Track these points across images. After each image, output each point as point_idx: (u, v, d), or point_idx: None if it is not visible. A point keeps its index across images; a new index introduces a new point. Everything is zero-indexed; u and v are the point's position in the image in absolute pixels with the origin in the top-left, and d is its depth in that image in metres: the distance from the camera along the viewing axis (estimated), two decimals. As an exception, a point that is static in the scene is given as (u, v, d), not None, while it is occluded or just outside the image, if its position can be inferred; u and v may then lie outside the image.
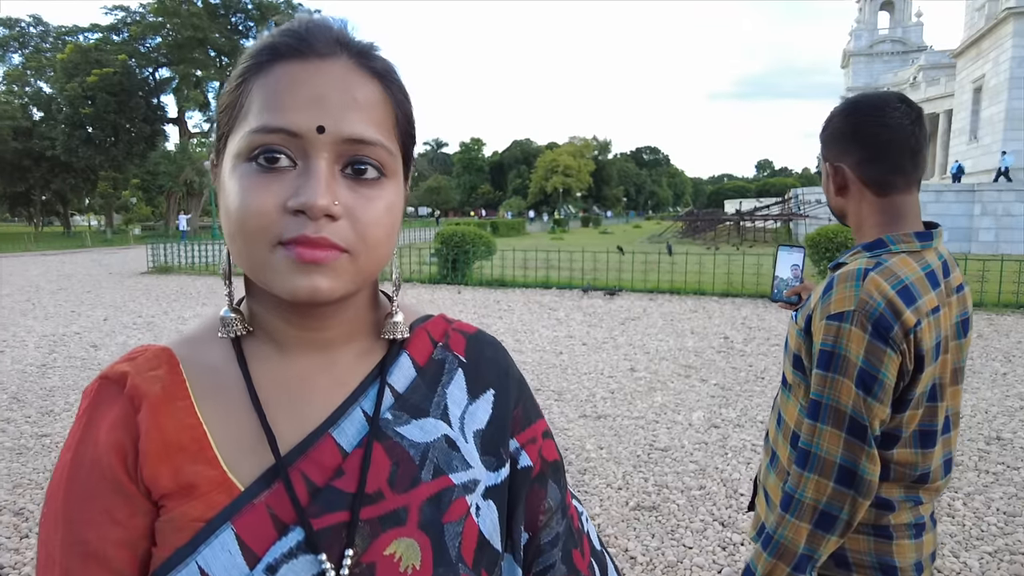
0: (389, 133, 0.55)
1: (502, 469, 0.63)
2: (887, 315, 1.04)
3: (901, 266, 1.11)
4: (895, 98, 1.17)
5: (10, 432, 4.44)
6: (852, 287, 1.08)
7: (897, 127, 1.14)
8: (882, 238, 1.17)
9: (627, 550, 2.93)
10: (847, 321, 1.06)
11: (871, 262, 1.12)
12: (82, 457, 0.54)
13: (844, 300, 1.08)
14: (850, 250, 1.22)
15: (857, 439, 1.05)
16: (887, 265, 1.10)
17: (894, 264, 1.11)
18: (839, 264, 1.21)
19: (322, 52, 0.52)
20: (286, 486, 0.53)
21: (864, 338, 1.04)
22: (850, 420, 1.05)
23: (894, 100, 1.17)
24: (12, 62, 42.77)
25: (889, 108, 1.15)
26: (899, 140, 1.15)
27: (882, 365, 1.04)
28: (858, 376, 1.05)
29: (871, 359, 1.04)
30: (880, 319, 1.04)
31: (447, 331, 0.68)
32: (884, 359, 1.04)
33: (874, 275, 1.08)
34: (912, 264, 1.12)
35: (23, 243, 26.86)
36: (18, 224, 62.99)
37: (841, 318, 1.07)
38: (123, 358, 0.59)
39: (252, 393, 0.57)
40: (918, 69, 44.14)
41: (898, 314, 1.05)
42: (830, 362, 1.07)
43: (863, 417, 1.05)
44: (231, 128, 0.54)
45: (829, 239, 10.06)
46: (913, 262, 1.12)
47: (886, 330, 1.04)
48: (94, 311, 9.70)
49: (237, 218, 0.51)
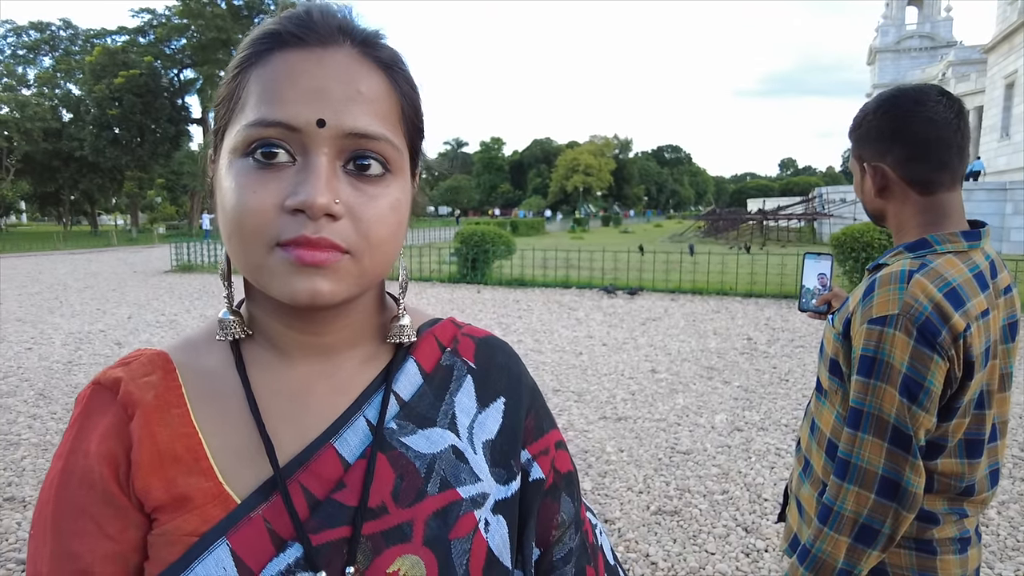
0: (395, 127, 0.52)
1: (513, 482, 0.59)
2: (934, 319, 1.00)
3: (948, 267, 1.05)
4: (935, 91, 1.11)
5: (36, 428, 4.51)
6: (896, 290, 1.03)
7: (942, 122, 1.08)
8: (926, 238, 1.11)
9: (648, 555, 2.87)
10: (890, 325, 1.01)
11: (915, 263, 1.06)
12: (72, 467, 0.51)
13: (887, 303, 1.03)
14: (890, 251, 1.17)
15: (901, 449, 1.01)
16: (933, 266, 1.05)
17: (940, 265, 1.05)
18: (879, 265, 1.16)
19: (324, 40, 0.49)
20: (284, 499, 0.50)
21: (909, 343, 0.99)
22: (893, 429, 1.01)
23: (934, 93, 1.10)
24: (43, 64, 43.77)
25: (931, 102, 1.09)
26: (945, 136, 1.09)
27: (928, 372, 0.99)
28: (902, 383, 1.00)
29: (916, 365, 0.99)
30: (926, 323, 0.99)
31: (456, 336, 0.65)
32: (930, 366, 0.99)
33: (919, 277, 1.03)
34: (959, 265, 1.06)
35: (52, 242, 27.44)
36: (47, 223, 64.42)
37: (884, 322, 1.02)
38: (118, 363, 0.57)
39: (251, 400, 0.54)
40: (947, 65, 43.27)
41: (946, 318, 1.00)
42: (872, 368, 1.02)
43: (907, 426, 1.00)
44: (228, 121, 0.51)
45: (855, 239, 9.86)
46: (960, 263, 1.07)
47: (933, 335, 0.99)
48: (119, 309, 9.85)
49: (233, 217, 0.48)
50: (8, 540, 2.99)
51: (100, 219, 53.03)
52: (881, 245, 9.55)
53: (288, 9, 0.52)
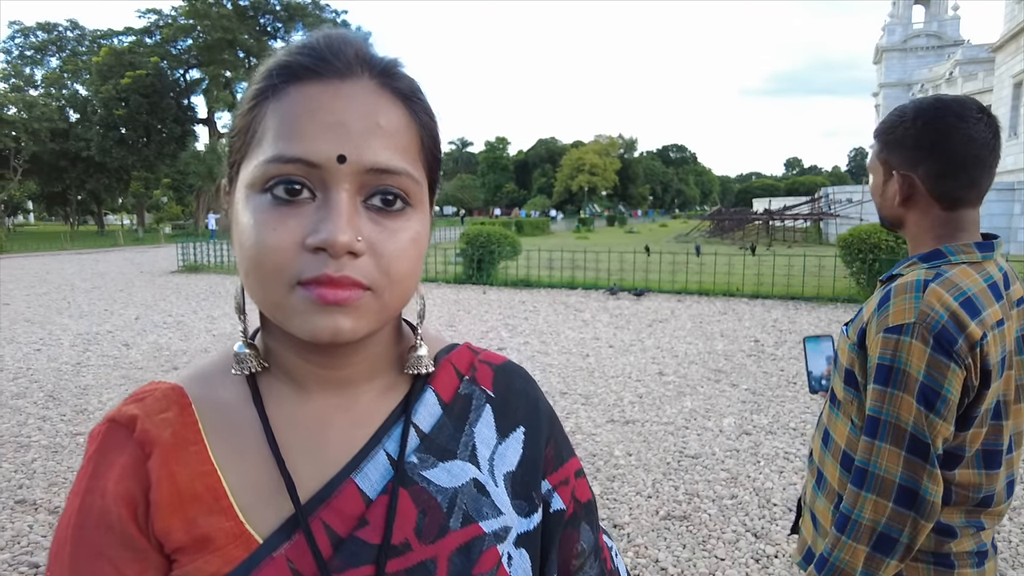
0: (414, 160, 0.51)
1: (534, 514, 0.59)
2: (950, 328, 1.00)
3: (962, 277, 1.07)
4: (976, 107, 1.10)
5: (46, 430, 4.53)
6: (912, 298, 1.04)
7: (981, 141, 1.08)
8: (940, 249, 1.12)
9: (657, 561, 2.87)
10: (907, 334, 1.02)
11: (930, 273, 1.07)
12: (90, 507, 0.50)
13: (903, 312, 1.03)
14: (903, 261, 1.18)
15: (918, 458, 1.01)
16: (948, 276, 1.06)
17: (955, 275, 1.06)
18: (892, 276, 1.16)
19: (342, 72, 0.48)
20: (307, 538, 0.49)
21: (926, 352, 1.00)
22: (911, 438, 1.01)
23: (975, 109, 1.09)
24: (50, 65, 43.96)
25: (972, 119, 1.08)
26: (981, 156, 1.09)
27: (945, 380, 1.00)
28: (919, 392, 1.00)
29: (933, 374, 1.00)
30: (943, 332, 1.00)
31: (473, 363, 0.64)
32: (948, 374, 1.00)
33: (935, 286, 1.04)
34: (974, 275, 1.08)
35: (59, 242, 27.56)
36: (54, 223, 64.70)
37: (900, 331, 1.02)
38: (131, 398, 0.55)
39: (269, 435, 0.53)
40: (954, 64, 43.05)
41: (962, 327, 1.01)
42: (889, 377, 1.03)
43: (925, 435, 1.00)
44: (244, 155, 0.50)
45: (862, 240, 9.80)
46: (975, 273, 1.08)
47: (949, 343, 1.00)
48: (126, 310, 9.89)
49: (252, 256, 0.47)
50: (20, 543, 3.01)
51: (106, 219, 53.24)
52: (888, 247, 9.51)
53: (303, 39, 0.51)
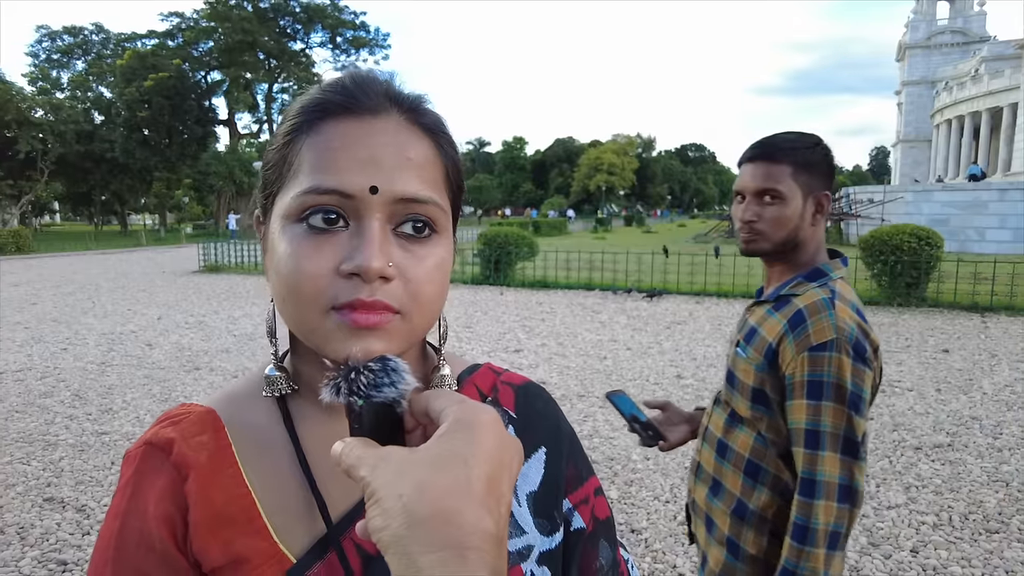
0: (441, 189, 0.54)
1: (556, 533, 0.60)
2: (860, 338, 1.14)
3: (847, 291, 1.23)
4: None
5: (73, 429, 4.62)
6: (827, 317, 1.16)
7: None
8: (819, 267, 1.26)
9: (675, 566, 2.86)
10: (832, 350, 1.13)
11: (826, 291, 1.20)
12: (130, 529, 0.52)
13: (824, 331, 1.15)
14: (787, 283, 1.28)
15: (851, 456, 1.13)
16: (840, 292, 1.21)
17: (843, 290, 1.22)
18: (780, 296, 1.26)
19: (373, 109, 0.51)
20: (339, 557, 0.51)
21: (850, 363, 1.12)
22: (845, 441, 1.12)
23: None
24: (76, 68, 44.77)
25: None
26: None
27: (864, 384, 1.13)
28: (850, 399, 1.12)
29: (857, 380, 1.13)
30: (857, 343, 1.14)
31: (496, 384, 0.66)
32: (865, 378, 1.13)
33: (838, 302, 1.17)
34: (849, 287, 1.25)
35: (85, 242, 28.08)
36: (79, 223, 65.88)
37: (825, 348, 1.13)
38: (166, 420, 0.57)
39: (300, 457, 0.55)
40: (980, 61, 42.30)
41: (866, 335, 1.16)
42: (821, 391, 1.13)
43: (855, 435, 1.12)
44: (280, 186, 0.52)
45: (884, 241, 9.69)
46: (848, 285, 1.26)
47: (862, 351, 1.14)
48: (149, 310, 10.05)
49: (289, 282, 0.49)
50: (49, 540, 3.08)
51: (129, 219, 54.07)
52: (911, 249, 9.38)
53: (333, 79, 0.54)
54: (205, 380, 5.92)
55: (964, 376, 5.87)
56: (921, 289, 9.65)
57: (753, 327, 1.28)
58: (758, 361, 1.23)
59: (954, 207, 19.85)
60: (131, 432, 4.54)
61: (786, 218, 1.24)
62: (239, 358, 6.81)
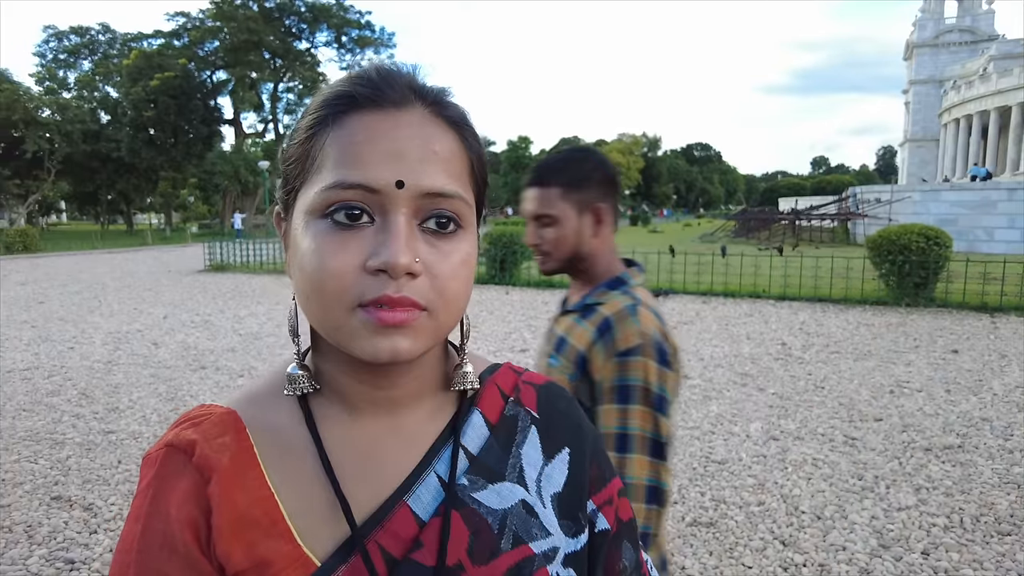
0: (466, 184, 0.53)
1: (581, 535, 0.59)
2: (662, 342, 1.19)
3: (647, 297, 1.28)
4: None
5: (80, 428, 4.63)
6: (633, 323, 1.19)
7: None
8: (619, 276, 1.30)
9: (684, 568, 2.84)
10: (638, 354, 1.17)
11: (628, 298, 1.25)
12: (153, 532, 0.51)
13: (630, 336, 1.18)
14: (591, 292, 1.30)
15: (658, 458, 1.15)
16: (642, 299, 1.25)
17: (644, 297, 1.27)
18: (587, 306, 1.29)
19: (397, 101, 0.50)
20: (364, 560, 0.50)
21: (655, 366, 1.16)
22: (651, 443, 1.15)
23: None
24: (83, 68, 45.00)
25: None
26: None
27: (667, 385, 1.18)
28: (656, 401, 1.16)
29: (661, 382, 1.17)
30: (659, 346, 1.18)
31: (517, 384, 0.65)
32: (667, 379, 1.18)
33: (641, 309, 1.22)
34: (648, 293, 1.30)
35: (91, 241, 28.21)
36: (85, 222, 66.21)
37: (631, 352, 1.17)
38: (187, 422, 0.56)
39: (323, 457, 0.54)
40: (988, 59, 42.10)
41: (666, 338, 1.21)
42: (629, 395, 1.16)
43: (662, 437, 1.16)
44: (303, 181, 0.51)
45: (891, 241, 9.62)
46: (647, 291, 1.31)
47: (664, 354, 1.18)
48: (154, 309, 10.08)
49: (314, 279, 0.48)
50: (56, 539, 3.08)
51: (135, 218, 54.33)
52: (919, 248, 9.33)
53: (357, 72, 0.52)
54: (211, 379, 5.92)
55: (974, 377, 5.83)
56: (930, 289, 9.59)
57: (561, 337, 1.30)
58: (571, 371, 1.25)
59: (962, 207, 19.74)
60: (137, 431, 4.55)
61: (564, 237, 1.28)
62: (245, 357, 6.82)
